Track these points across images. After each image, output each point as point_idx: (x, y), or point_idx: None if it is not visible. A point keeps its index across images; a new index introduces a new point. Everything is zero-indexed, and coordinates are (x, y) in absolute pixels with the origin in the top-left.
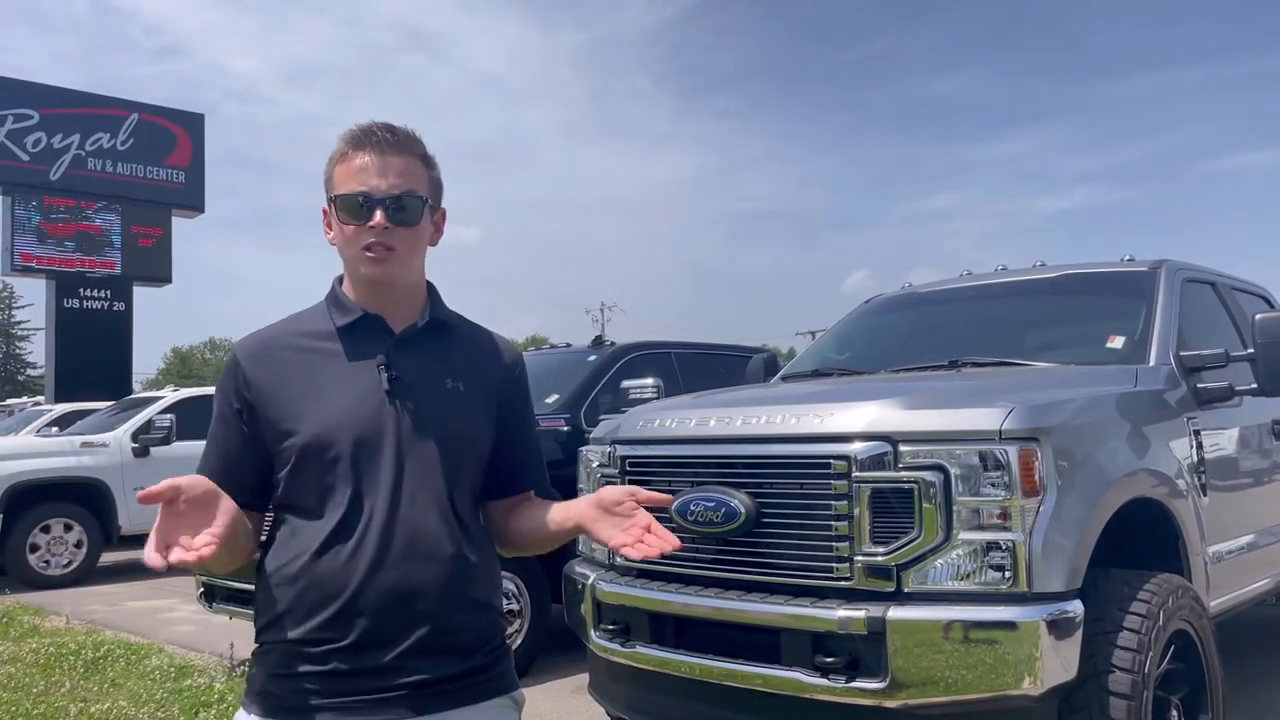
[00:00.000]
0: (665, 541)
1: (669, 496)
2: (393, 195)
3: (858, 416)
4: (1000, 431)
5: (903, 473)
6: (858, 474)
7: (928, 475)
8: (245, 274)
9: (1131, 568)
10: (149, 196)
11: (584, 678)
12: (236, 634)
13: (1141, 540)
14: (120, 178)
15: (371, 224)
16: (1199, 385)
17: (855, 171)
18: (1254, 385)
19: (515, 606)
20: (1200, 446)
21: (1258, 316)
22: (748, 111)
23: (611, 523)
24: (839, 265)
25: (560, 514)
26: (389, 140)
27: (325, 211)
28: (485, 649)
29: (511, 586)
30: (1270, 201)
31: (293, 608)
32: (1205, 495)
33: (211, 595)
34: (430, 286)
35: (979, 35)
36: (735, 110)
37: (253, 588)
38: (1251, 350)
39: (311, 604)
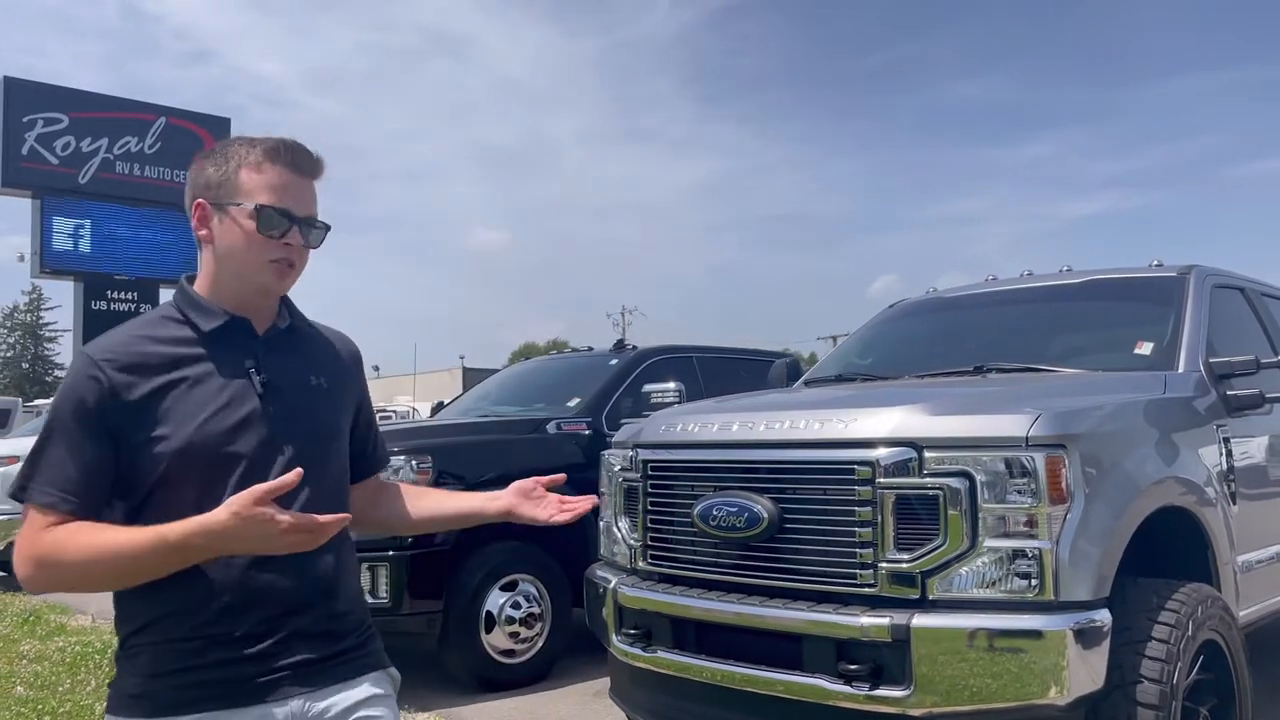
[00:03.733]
0: (583, 501)
1: (562, 476)
2: (309, 218)
3: (882, 422)
4: (1027, 438)
5: (928, 479)
6: (882, 480)
7: (953, 482)
8: None
9: (1159, 577)
10: (176, 200)
11: (605, 681)
12: None
13: (1169, 549)
14: (148, 181)
15: (288, 241)
16: (1229, 392)
17: (879, 176)
18: None
19: (536, 610)
20: (1230, 454)
21: None
22: (769, 116)
23: (532, 505)
24: (862, 270)
25: (472, 502)
26: (309, 162)
27: (204, 206)
28: (358, 630)
29: (532, 590)
30: None
31: (177, 608)
32: (1235, 504)
33: None
34: None
35: (1003, 40)
36: (757, 115)
37: None
38: None
39: (197, 602)
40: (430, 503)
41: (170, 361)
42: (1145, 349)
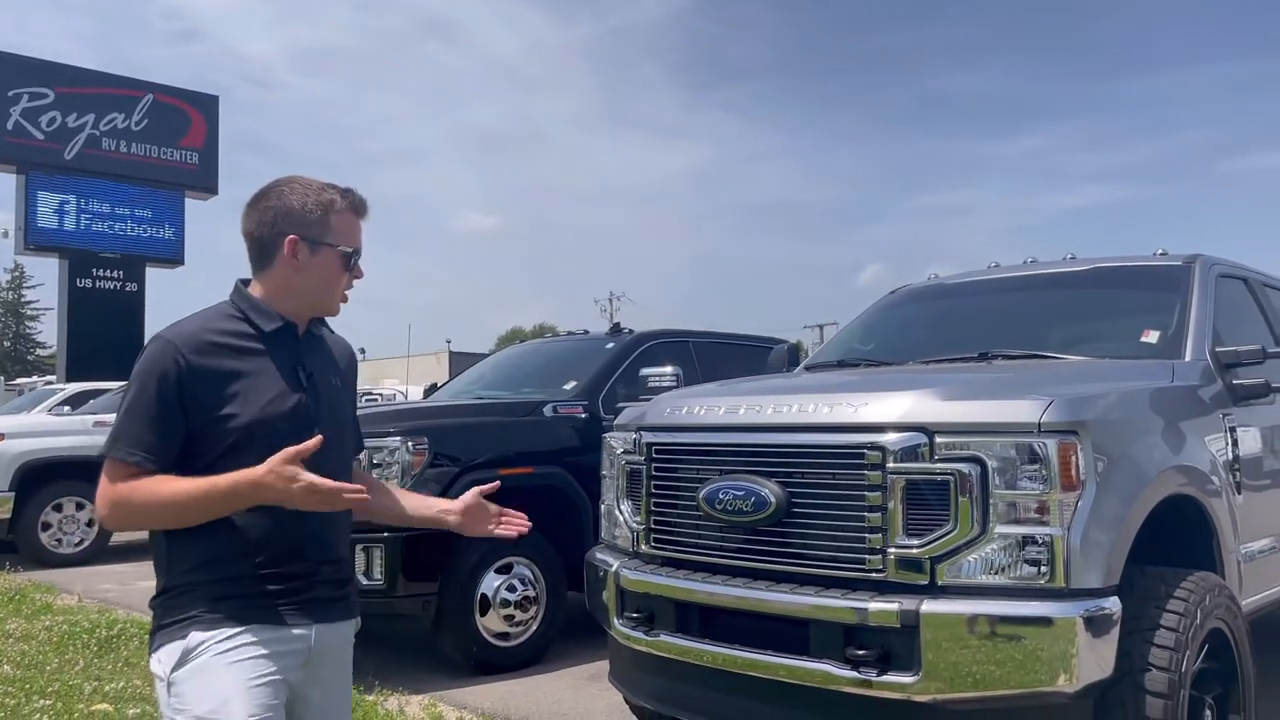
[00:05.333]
0: (519, 520)
1: (496, 483)
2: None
3: (893, 406)
4: (1039, 424)
5: (938, 464)
6: (892, 465)
7: (964, 467)
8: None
9: (1164, 565)
10: (162, 177)
11: (600, 665)
12: None
13: (1174, 538)
14: (134, 158)
15: (358, 276)
16: (1235, 382)
17: (867, 166)
18: None
19: (531, 593)
20: (1235, 444)
21: None
22: (759, 104)
23: (476, 523)
24: (850, 259)
25: (422, 506)
26: (364, 208)
27: (296, 241)
28: (350, 580)
29: (528, 573)
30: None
31: (239, 551)
32: (1240, 493)
33: None
34: None
35: (993, 32)
36: (746, 103)
37: None
38: None
39: (255, 545)
40: (402, 502)
41: (237, 351)
42: (1152, 337)
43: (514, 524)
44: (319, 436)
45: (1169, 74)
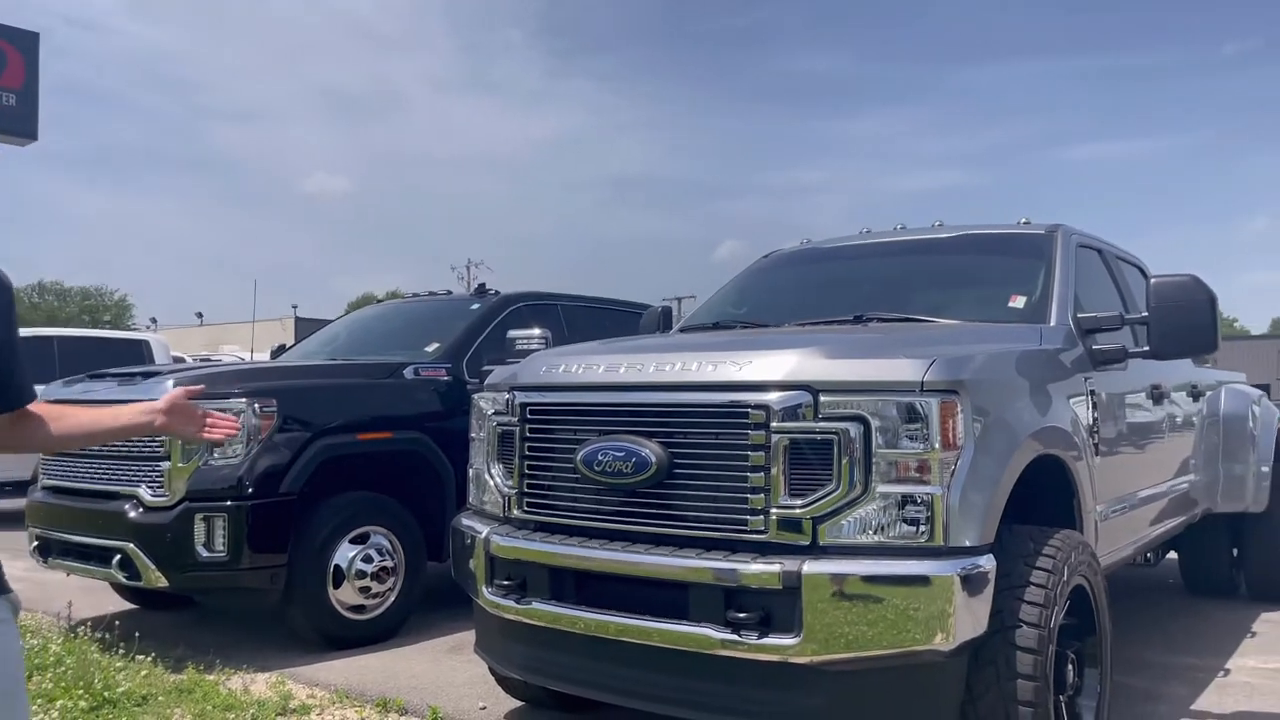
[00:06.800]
0: (227, 423)
1: (201, 386)
2: None
3: (778, 365)
4: (922, 383)
5: (822, 423)
6: (776, 424)
7: (848, 426)
8: (79, 214)
9: (1027, 524)
10: None
11: (460, 637)
12: (75, 591)
13: (1037, 497)
14: None
15: None
16: (1095, 347)
17: (725, 141)
18: (1145, 349)
19: (389, 563)
20: (1095, 407)
21: (1152, 280)
22: (622, 75)
23: (183, 420)
24: (706, 234)
25: (119, 415)
26: None
27: None
28: None
29: (385, 542)
30: (1114, 192)
31: None
32: (1098, 455)
33: (47, 550)
34: None
35: (849, 13)
36: (610, 73)
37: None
38: (1146, 313)
39: None
40: (73, 422)
41: None
42: (1019, 302)
43: (222, 427)
44: None
45: (1007, 65)
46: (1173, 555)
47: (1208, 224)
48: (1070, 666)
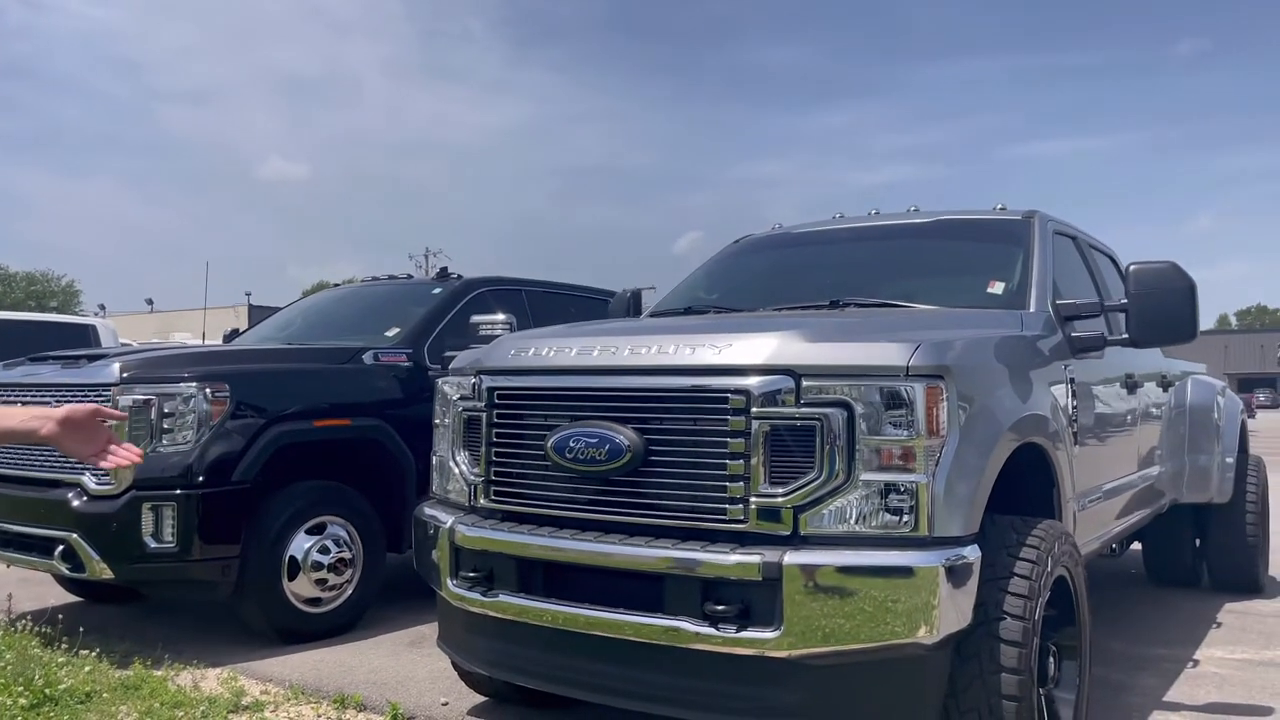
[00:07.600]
0: (130, 453)
1: (125, 414)
2: None
3: (759, 348)
4: (907, 368)
5: (804, 409)
6: (757, 409)
7: (831, 412)
8: (22, 196)
9: (1008, 514)
10: None
11: (420, 630)
12: (15, 584)
13: (1017, 486)
14: None
15: None
16: (1073, 334)
17: (684, 133)
18: (1123, 336)
19: (347, 555)
20: (1074, 395)
21: (1132, 267)
22: (582, 65)
23: (79, 438)
24: (668, 226)
25: (11, 422)
26: None
27: None
28: None
29: (343, 533)
30: (1062, 187)
31: None
32: (1077, 443)
33: None
34: None
35: (809, 7)
36: (570, 63)
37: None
38: (1125, 300)
39: None
40: None
41: None
42: (998, 288)
43: (122, 456)
44: None
45: (963, 61)
46: (1136, 545)
47: (1152, 223)
48: (1051, 659)
